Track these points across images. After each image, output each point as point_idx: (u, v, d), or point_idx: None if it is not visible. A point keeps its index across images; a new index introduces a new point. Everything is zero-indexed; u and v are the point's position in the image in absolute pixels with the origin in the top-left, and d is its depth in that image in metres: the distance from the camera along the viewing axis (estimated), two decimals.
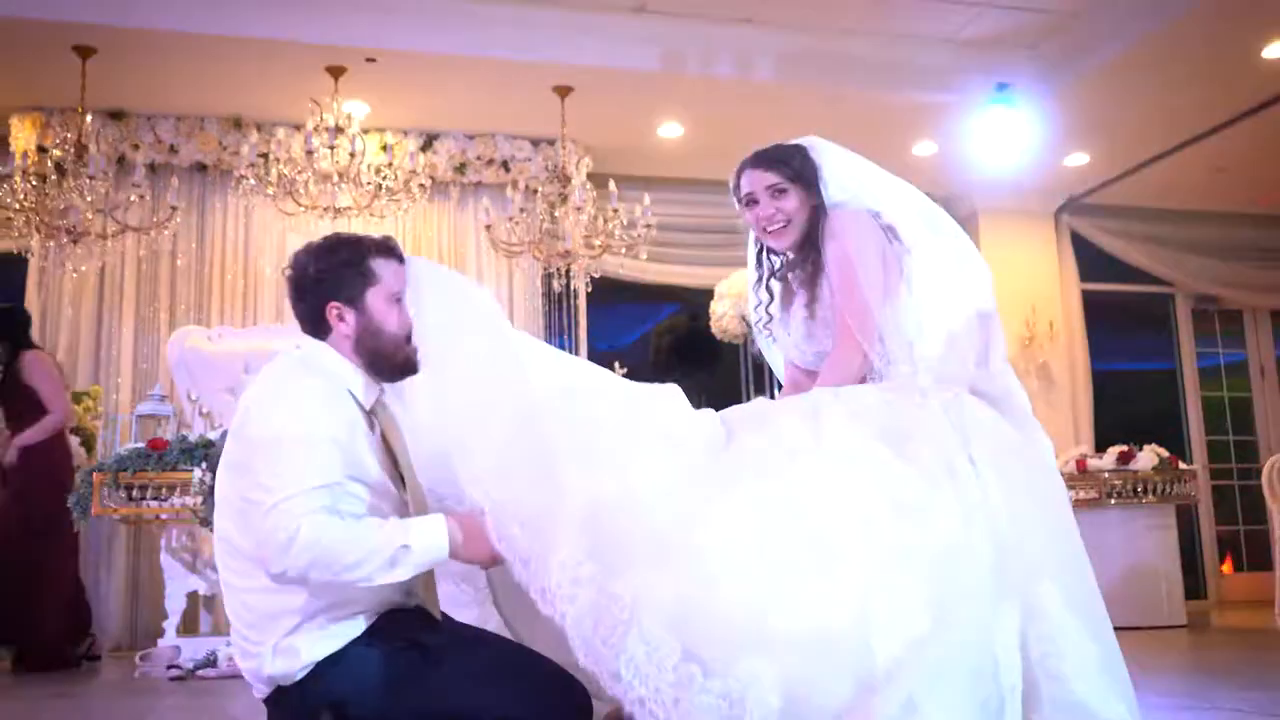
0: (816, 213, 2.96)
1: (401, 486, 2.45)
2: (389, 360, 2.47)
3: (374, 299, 2.46)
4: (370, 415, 2.48)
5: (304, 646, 2.28)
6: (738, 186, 3.05)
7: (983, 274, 2.95)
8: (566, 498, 2.27)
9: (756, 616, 2.17)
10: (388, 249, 2.53)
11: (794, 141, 3.05)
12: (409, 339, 2.48)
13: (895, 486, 2.40)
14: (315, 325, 2.49)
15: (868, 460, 2.44)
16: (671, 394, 2.66)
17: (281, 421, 2.29)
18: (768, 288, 3.16)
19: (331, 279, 2.46)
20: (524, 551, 2.25)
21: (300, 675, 2.25)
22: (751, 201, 3.01)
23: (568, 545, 2.21)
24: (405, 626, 2.32)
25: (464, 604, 2.59)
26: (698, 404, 2.73)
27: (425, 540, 2.25)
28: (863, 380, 2.83)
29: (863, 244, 2.86)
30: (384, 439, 2.48)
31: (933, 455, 2.48)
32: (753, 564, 2.23)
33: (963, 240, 2.99)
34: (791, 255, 3.06)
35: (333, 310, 2.46)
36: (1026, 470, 2.61)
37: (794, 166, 2.97)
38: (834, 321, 2.88)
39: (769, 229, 2.99)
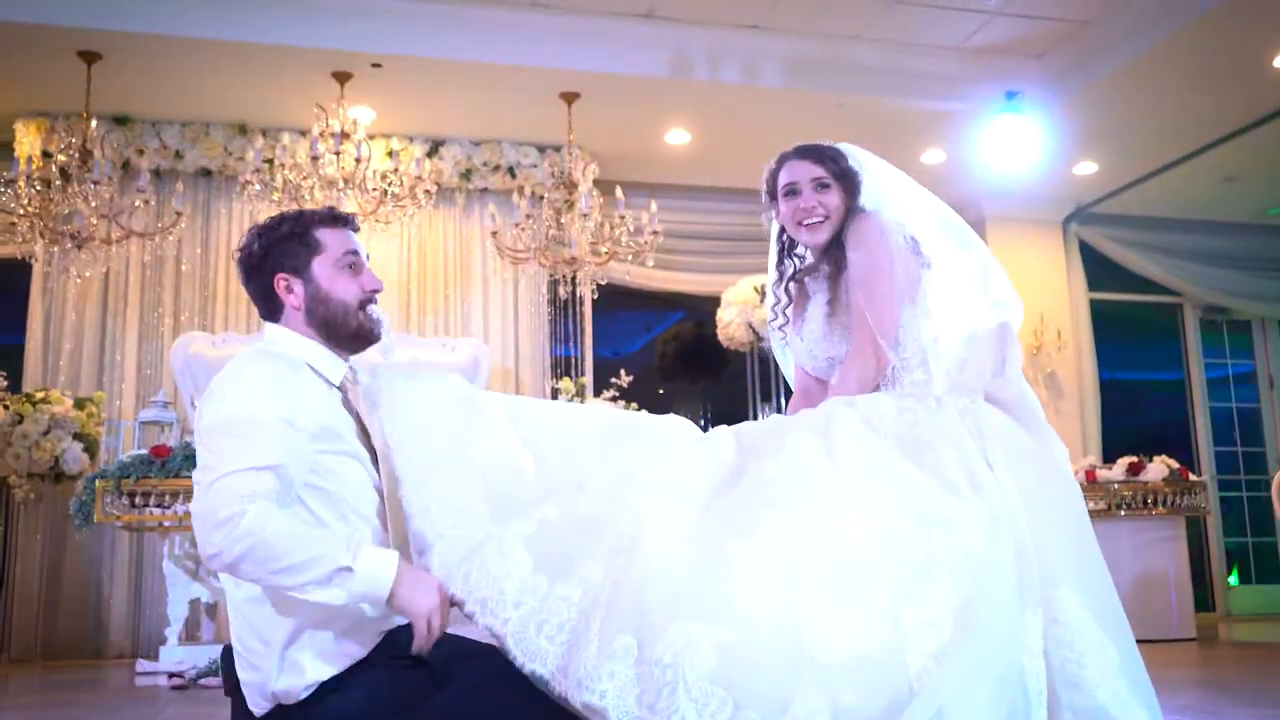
0: (848, 214, 2.97)
1: (374, 463, 2.41)
2: (342, 328, 2.45)
3: (320, 267, 2.45)
4: (342, 391, 2.45)
5: (309, 664, 2.22)
6: (774, 177, 3.05)
7: (1007, 293, 2.96)
8: (590, 595, 2.20)
9: (798, 652, 2.13)
10: (331, 218, 2.51)
11: (833, 144, 3.06)
12: (362, 305, 2.46)
13: (916, 499, 2.38)
14: (268, 302, 2.47)
15: (886, 474, 2.43)
16: (675, 428, 2.61)
17: (227, 407, 2.24)
18: (787, 289, 3.16)
19: (276, 252, 2.45)
20: (559, 661, 2.17)
21: (304, 695, 2.19)
22: (792, 192, 3.00)
23: (599, 635, 2.14)
24: (408, 643, 2.26)
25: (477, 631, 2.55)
26: (703, 411, 2.69)
27: (370, 569, 2.15)
28: (876, 388, 2.83)
29: (888, 246, 2.87)
30: (356, 415, 2.44)
31: (954, 463, 2.47)
32: (784, 601, 2.18)
33: (987, 257, 3.00)
34: (814, 257, 3.07)
35: (280, 282, 2.44)
36: (1042, 475, 2.60)
37: (840, 165, 2.99)
38: (851, 325, 2.88)
39: (806, 221, 2.98)
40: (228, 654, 2.38)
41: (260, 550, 2.09)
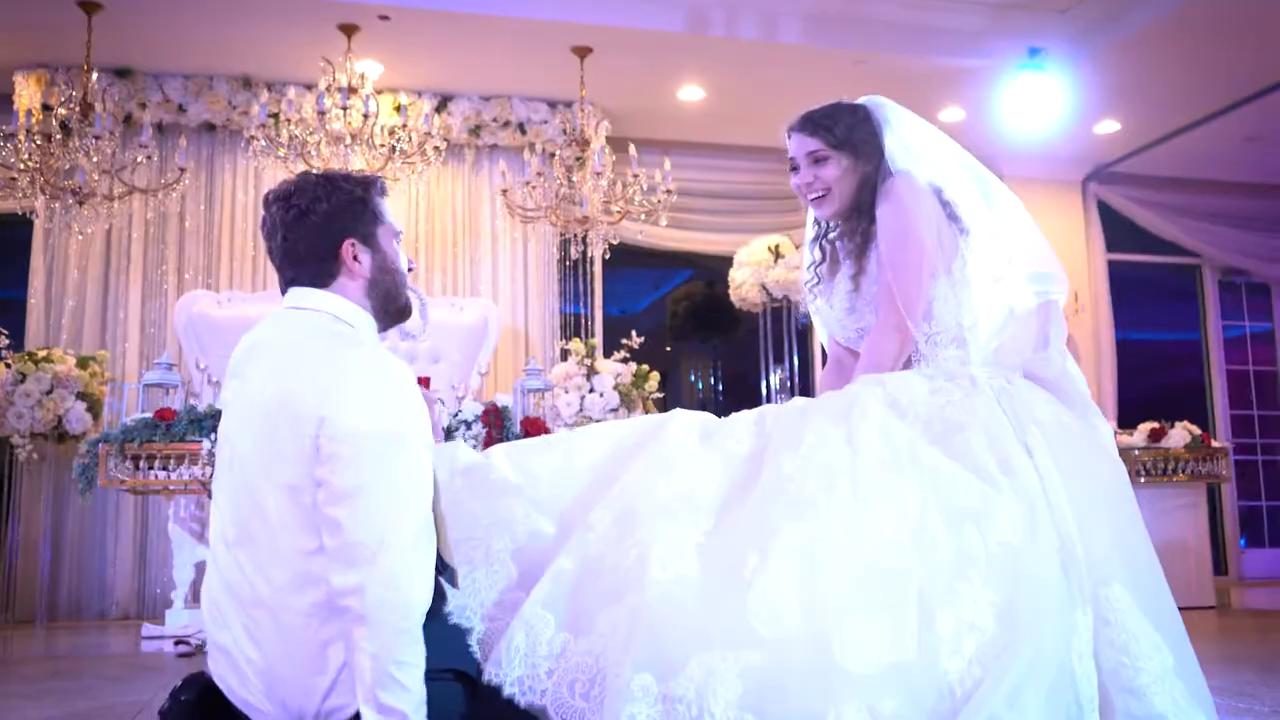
0: (868, 180, 2.83)
1: None
2: (396, 301, 2.34)
3: (384, 237, 2.32)
4: None
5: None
6: (787, 148, 2.95)
7: (1048, 259, 2.84)
8: (609, 640, 2.12)
9: (828, 666, 2.03)
10: (382, 188, 2.38)
11: (856, 101, 2.93)
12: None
13: (945, 490, 2.27)
14: (321, 266, 2.26)
15: (911, 465, 2.32)
16: (681, 430, 2.48)
17: (380, 414, 2.06)
18: (820, 247, 3.04)
19: (346, 214, 2.27)
20: (598, 717, 2.08)
21: (349, 713, 2.04)
22: (793, 168, 2.92)
23: (618, 679, 2.05)
24: (443, 653, 2.14)
25: None
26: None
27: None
28: (907, 363, 2.72)
29: (919, 214, 2.74)
30: None
31: (984, 449, 2.36)
32: (809, 616, 2.08)
33: (1027, 222, 2.88)
34: (842, 224, 2.94)
35: (349, 248, 2.26)
36: (1087, 462, 2.48)
37: (838, 133, 2.85)
38: (878, 297, 2.76)
39: (809, 196, 2.90)
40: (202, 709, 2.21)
41: (392, 614, 2.00)
